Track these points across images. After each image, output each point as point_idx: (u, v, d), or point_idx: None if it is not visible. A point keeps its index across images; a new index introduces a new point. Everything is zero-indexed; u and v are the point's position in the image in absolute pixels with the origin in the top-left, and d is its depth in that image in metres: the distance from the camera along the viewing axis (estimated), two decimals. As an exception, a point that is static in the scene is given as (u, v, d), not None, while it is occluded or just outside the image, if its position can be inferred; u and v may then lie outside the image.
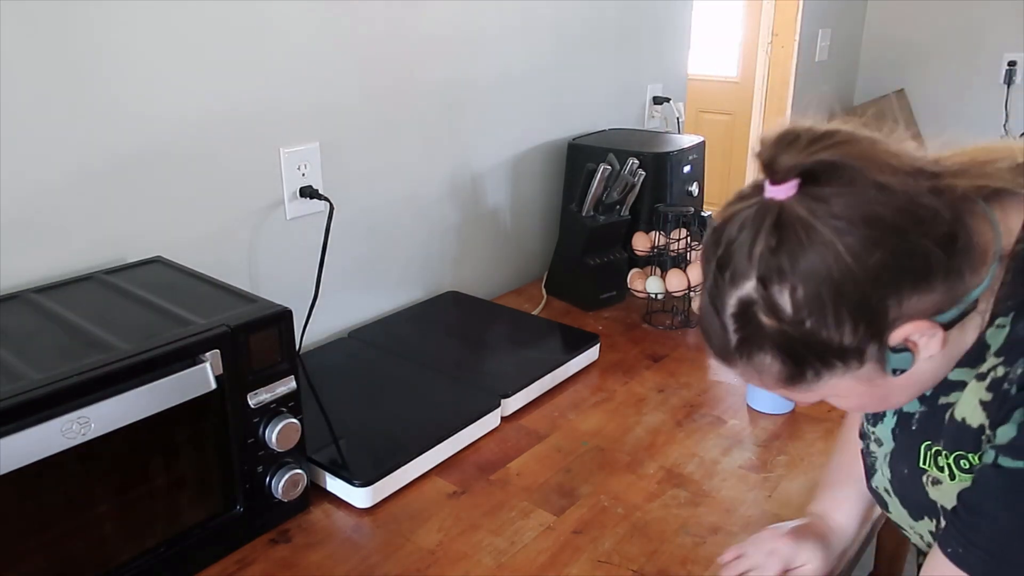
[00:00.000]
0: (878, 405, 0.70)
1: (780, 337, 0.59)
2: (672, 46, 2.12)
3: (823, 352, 0.59)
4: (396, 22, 1.36)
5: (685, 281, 1.47)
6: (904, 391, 0.66)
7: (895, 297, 0.57)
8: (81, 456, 0.76)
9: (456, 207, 1.59)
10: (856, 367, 0.60)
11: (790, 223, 0.58)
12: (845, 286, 0.57)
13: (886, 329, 0.58)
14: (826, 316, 0.58)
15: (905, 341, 0.59)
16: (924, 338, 0.60)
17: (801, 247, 0.57)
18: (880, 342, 0.59)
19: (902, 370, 0.61)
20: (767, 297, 0.58)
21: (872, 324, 0.58)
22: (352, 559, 0.92)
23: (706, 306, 0.64)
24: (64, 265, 1.03)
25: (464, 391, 1.20)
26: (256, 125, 1.20)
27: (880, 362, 0.60)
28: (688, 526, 0.97)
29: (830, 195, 0.57)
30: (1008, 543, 0.60)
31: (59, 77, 0.98)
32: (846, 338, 0.58)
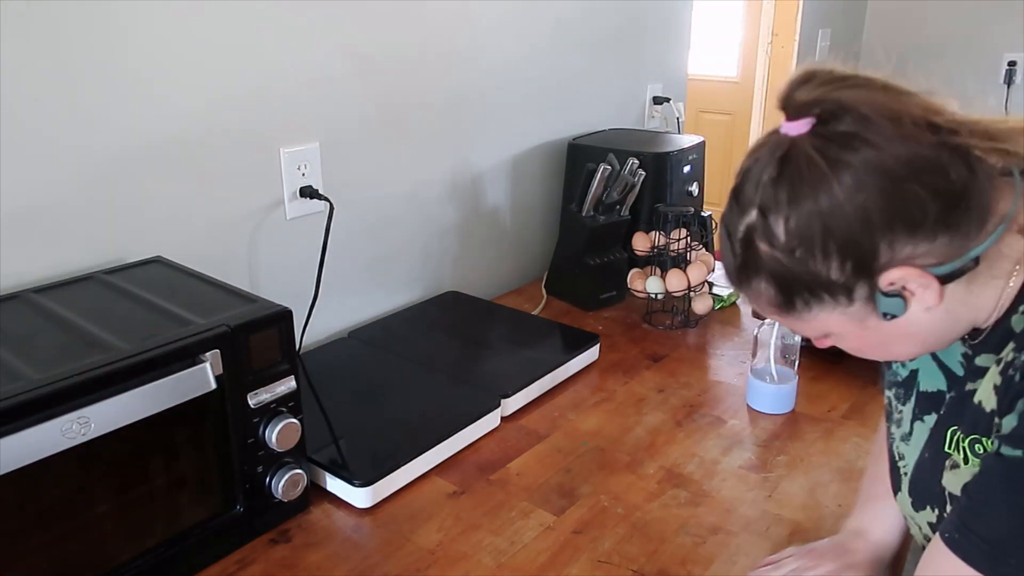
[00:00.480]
0: (878, 351, 0.69)
1: (773, 264, 0.62)
2: (672, 46, 2.12)
3: (811, 284, 0.61)
4: (396, 22, 1.36)
5: (685, 281, 1.47)
6: (902, 341, 0.66)
7: (886, 240, 0.59)
8: (81, 456, 0.76)
9: (456, 207, 1.59)
10: (845, 304, 0.62)
11: (794, 157, 0.60)
12: (834, 222, 0.59)
13: (875, 270, 0.60)
14: (814, 248, 0.60)
15: (897, 287, 0.60)
16: (917, 287, 0.60)
17: (799, 180, 0.59)
18: (869, 283, 0.60)
19: (893, 315, 0.62)
20: (765, 225, 0.61)
21: (860, 263, 0.60)
22: (352, 559, 0.92)
23: (721, 231, 0.67)
24: (64, 265, 1.03)
25: (464, 391, 1.20)
26: (256, 125, 1.20)
27: (871, 303, 0.62)
28: (688, 526, 0.97)
29: (837, 135, 0.59)
30: (1003, 531, 0.60)
31: (59, 77, 0.98)
32: (833, 273, 0.60)
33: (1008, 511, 0.59)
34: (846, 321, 0.64)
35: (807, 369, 1.31)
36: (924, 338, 0.66)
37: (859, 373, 1.31)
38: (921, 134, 0.58)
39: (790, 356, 1.22)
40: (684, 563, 0.91)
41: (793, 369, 1.22)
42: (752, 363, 1.24)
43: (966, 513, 0.62)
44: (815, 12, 3.20)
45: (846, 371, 1.31)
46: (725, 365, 1.38)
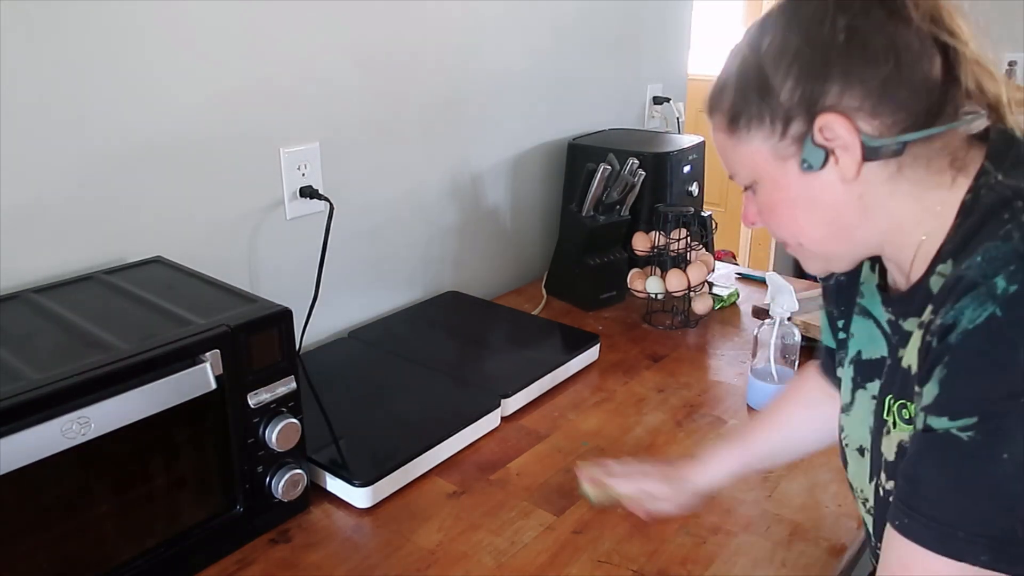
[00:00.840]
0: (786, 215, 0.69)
1: (745, 66, 0.66)
2: (672, 46, 2.12)
3: (762, 97, 0.64)
4: (396, 22, 1.36)
5: (685, 281, 1.47)
6: (809, 211, 0.67)
7: (839, 85, 0.61)
8: (81, 456, 0.76)
9: (456, 207, 1.59)
10: (779, 134, 0.64)
11: None
12: (805, 46, 0.62)
13: (816, 108, 0.62)
14: (780, 64, 0.63)
15: (825, 136, 0.62)
16: (842, 148, 0.62)
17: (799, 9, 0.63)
18: (807, 121, 0.63)
19: (811, 166, 0.63)
20: (757, 35, 0.65)
21: (807, 93, 0.62)
22: (352, 559, 0.92)
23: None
24: (64, 265, 1.03)
25: (464, 391, 1.20)
26: (256, 125, 1.20)
27: (798, 144, 0.64)
28: (688, 526, 0.97)
29: None
30: (945, 504, 0.58)
31: (59, 77, 0.98)
32: (784, 93, 0.63)
33: (946, 484, 0.58)
34: (772, 159, 0.65)
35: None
36: (833, 221, 0.66)
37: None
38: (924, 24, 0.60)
39: (790, 356, 1.22)
40: (684, 563, 0.91)
41: (793, 369, 1.22)
42: (752, 363, 1.24)
43: (907, 495, 0.60)
44: (815, 12, 3.20)
45: (846, 371, 1.31)
46: (725, 365, 1.38)
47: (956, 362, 0.56)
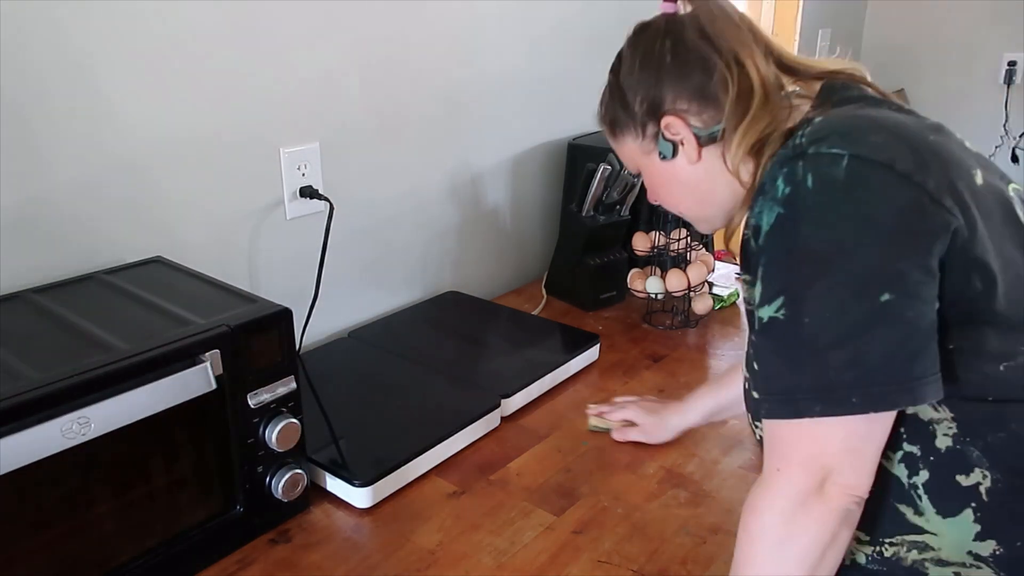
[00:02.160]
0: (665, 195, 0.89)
1: (612, 87, 0.87)
2: (672, 46, 2.11)
3: (624, 111, 0.85)
4: (396, 22, 1.36)
5: (685, 281, 1.47)
6: (678, 189, 0.86)
7: (672, 94, 0.80)
8: (81, 456, 0.76)
9: (456, 207, 1.59)
10: (640, 136, 0.85)
11: (653, 24, 0.84)
12: (648, 72, 0.82)
13: (658, 114, 0.82)
14: (632, 86, 0.84)
15: (670, 133, 0.81)
16: (683, 139, 0.81)
17: (644, 39, 0.84)
18: (656, 124, 0.82)
19: (664, 156, 0.83)
20: (617, 62, 0.87)
21: (651, 105, 0.82)
22: (352, 559, 0.92)
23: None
24: (64, 265, 1.03)
25: (464, 391, 1.20)
26: (256, 125, 1.20)
27: (654, 141, 0.84)
28: (688, 526, 0.97)
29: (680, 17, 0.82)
30: (779, 377, 0.68)
31: (59, 77, 0.98)
32: (636, 107, 0.83)
33: (776, 360, 0.68)
34: (641, 153, 0.86)
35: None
36: (694, 192, 0.85)
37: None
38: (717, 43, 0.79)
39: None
40: (684, 563, 0.91)
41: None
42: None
43: (755, 383, 0.70)
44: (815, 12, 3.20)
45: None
46: (725, 365, 1.38)
47: (765, 258, 0.68)
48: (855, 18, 3.53)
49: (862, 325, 0.64)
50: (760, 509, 0.71)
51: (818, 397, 0.65)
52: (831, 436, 0.67)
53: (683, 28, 0.81)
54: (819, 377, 0.65)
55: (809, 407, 0.66)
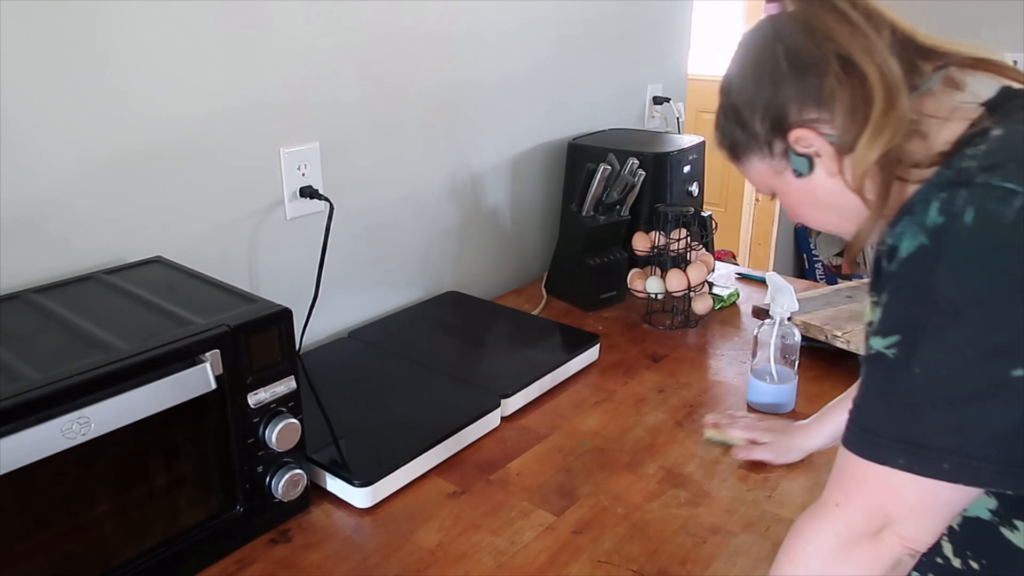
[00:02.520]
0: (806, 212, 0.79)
1: (726, 109, 0.78)
2: (672, 46, 2.12)
3: (745, 132, 0.76)
4: (396, 22, 1.36)
5: (685, 281, 1.47)
6: (816, 204, 0.76)
7: (796, 104, 0.71)
8: (81, 456, 0.76)
9: (456, 207, 1.59)
10: (769, 156, 0.75)
11: (759, 28, 0.75)
12: (763, 83, 0.73)
13: (784, 128, 0.72)
14: (748, 103, 0.74)
15: (803, 147, 0.72)
16: (819, 150, 0.71)
17: (751, 47, 0.75)
18: (784, 140, 0.73)
19: (800, 173, 0.74)
20: (726, 82, 0.78)
21: (774, 120, 0.73)
22: (352, 559, 0.92)
23: None
24: (64, 265, 1.03)
25: (464, 391, 1.20)
26: (256, 125, 1.20)
27: (786, 159, 0.74)
28: (688, 526, 0.97)
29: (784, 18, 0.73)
30: (871, 414, 0.63)
31: (60, 77, 0.98)
32: (757, 125, 0.74)
33: (872, 396, 0.64)
34: (772, 174, 0.77)
35: (807, 369, 1.31)
36: (833, 206, 0.74)
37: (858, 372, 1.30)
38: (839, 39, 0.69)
39: (790, 356, 1.22)
40: (684, 563, 0.91)
41: (793, 369, 1.22)
42: (752, 363, 1.24)
43: (851, 412, 0.66)
44: (815, 12, 3.20)
45: (846, 371, 1.31)
46: (725, 365, 1.38)
47: (892, 287, 0.62)
48: (855, 18, 3.52)
49: (980, 396, 0.57)
50: (806, 537, 0.68)
51: (905, 450, 0.60)
52: (905, 491, 0.61)
53: (792, 28, 0.71)
54: (912, 431, 0.60)
55: (892, 456, 0.60)
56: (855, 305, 1.42)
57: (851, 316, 1.37)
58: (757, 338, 1.22)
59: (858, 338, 1.29)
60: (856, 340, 1.29)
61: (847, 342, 1.30)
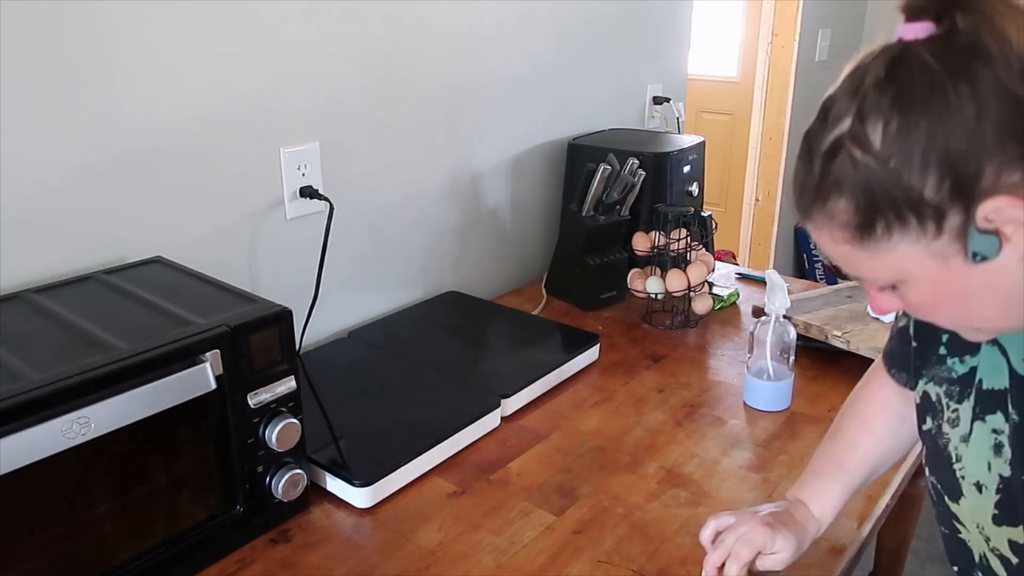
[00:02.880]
0: (953, 308, 0.62)
1: (861, 173, 0.56)
2: (672, 46, 2.12)
3: (900, 201, 0.56)
4: (396, 22, 1.36)
5: (685, 281, 1.47)
6: (986, 298, 0.59)
7: (995, 163, 0.53)
8: (81, 456, 0.76)
9: (456, 207, 1.59)
10: (932, 234, 0.56)
11: (906, 60, 0.55)
12: (941, 130, 0.53)
13: (975, 195, 0.54)
14: (913, 158, 0.54)
15: (993, 223, 0.54)
16: (1017, 228, 0.54)
17: (909, 84, 0.55)
18: (965, 211, 0.54)
19: (984, 257, 0.56)
20: (860, 130, 0.56)
21: (960, 183, 0.54)
22: (352, 559, 0.92)
23: (801, 149, 0.62)
24: (64, 265, 1.03)
25: (464, 391, 1.20)
26: (256, 125, 1.20)
27: (960, 239, 0.56)
28: (688, 526, 0.97)
29: (959, 43, 0.54)
30: None
31: (59, 77, 0.98)
32: (928, 190, 0.54)
33: None
34: (926, 259, 0.57)
35: (806, 369, 1.31)
36: (1009, 299, 0.58)
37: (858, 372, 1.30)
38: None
39: (786, 354, 1.22)
40: (684, 563, 0.91)
41: (788, 367, 1.22)
42: (748, 360, 1.24)
43: None
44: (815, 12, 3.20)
45: (845, 370, 1.31)
46: (725, 365, 1.38)
47: None
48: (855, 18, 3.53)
49: None
50: None
51: None
52: None
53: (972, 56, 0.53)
54: None
55: None
56: (855, 305, 1.42)
57: (851, 316, 1.37)
58: (754, 336, 1.22)
59: (857, 338, 1.29)
60: (855, 340, 1.29)
61: (846, 342, 1.30)
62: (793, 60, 3.19)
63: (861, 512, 0.99)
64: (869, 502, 1.01)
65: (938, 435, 0.78)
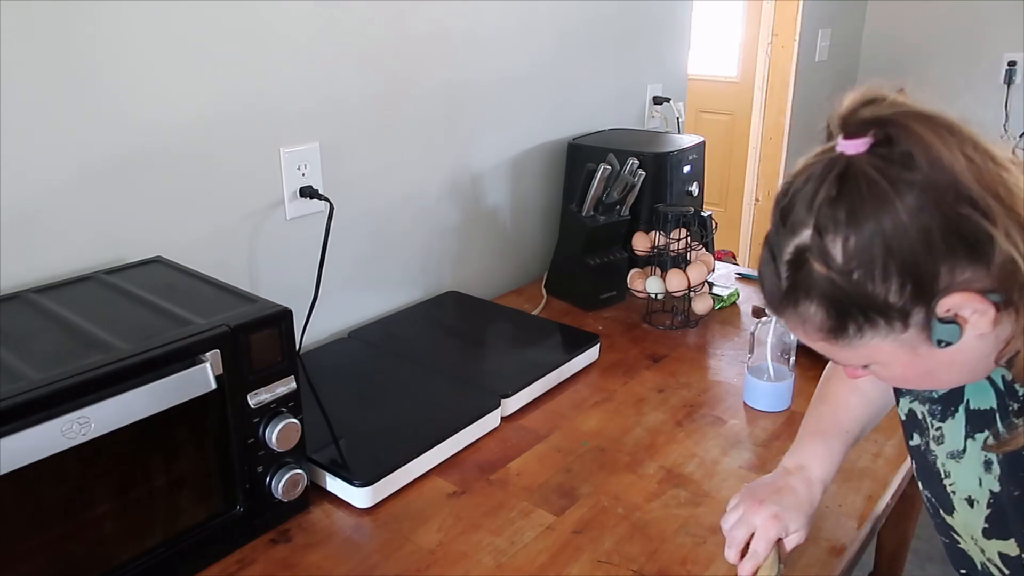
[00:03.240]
0: (923, 380, 0.69)
1: (828, 286, 0.61)
2: (672, 46, 2.12)
3: (867, 307, 0.60)
4: (396, 22, 1.36)
5: (685, 281, 1.47)
6: (951, 369, 0.65)
7: (947, 264, 0.58)
8: (81, 456, 0.76)
9: (456, 207, 1.59)
10: (900, 330, 0.61)
11: (853, 176, 0.59)
12: (896, 243, 0.58)
13: (934, 295, 0.59)
14: (874, 270, 0.59)
15: (953, 313, 0.60)
16: (974, 314, 0.59)
17: (860, 199, 0.59)
18: (927, 308, 0.60)
19: (948, 343, 0.61)
20: (820, 245, 0.60)
21: (919, 286, 0.59)
22: (352, 559, 0.92)
23: (765, 253, 0.66)
24: (64, 265, 1.03)
25: (464, 391, 1.20)
26: (256, 125, 1.20)
27: (926, 330, 0.61)
28: (688, 526, 0.97)
29: (898, 155, 0.58)
30: None
31: (59, 77, 0.98)
32: (892, 296, 0.59)
33: None
34: (897, 348, 0.63)
35: (806, 369, 1.31)
36: (973, 366, 0.65)
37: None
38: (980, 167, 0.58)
39: (787, 355, 1.22)
40: (684, 563, 0.91)
41: (789, 367, 1.22)
42: (749, 361, 1.24)
43: None
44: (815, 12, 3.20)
45: (846, 371, 1.31)
46: (725, 365, 1.38)
47: None
48: (855, 18, 3.53)
49: None
50: None
51: None
52: None
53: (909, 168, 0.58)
54: None
55: None
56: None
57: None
58: (754, 336, 1.22)
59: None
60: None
61: (847, 342, 1.30)
62: (793, 60, 3.19)
63: (861, 512, 0.99)
64: (869, 502, 1.01)
65: (926, 451, 0.80)
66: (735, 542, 0.85)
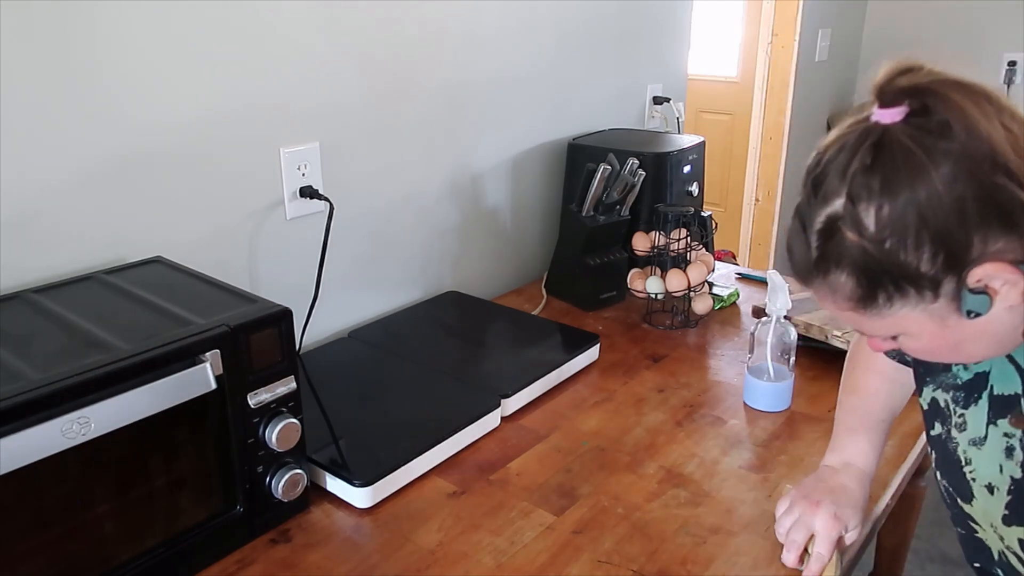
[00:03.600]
0: (950, 352, 0.68)
1: (859, 254, 0.61)
2: (672, 46, 2.12)
3: (898, 275, 0.61)
4: (396, 22, 1.36)
5: (685, 281, 1.47)
6: (979, 341, 0.65)
7: (980, 234, 0.58)
8: (81, 456, 0.76)
9: (456, 207, 1.59)
10: (930, 299, 0.62)
11: (888, 145, 0.59)
12: (930, 212, 0.58)
13: (966, 264, 0.59)
14: (907, 238, 0.59)
15: (983, 283, 0.60)
16: (1004, 284, 0.60)
17: (894, 168, 0.59)
18: (958, 277, 0.60)
19: (977, 313, 0.61)
20: (853, 214, 0.60)
21: (952, 256, 0.59)
22: (352, 559, 0.92)
23: (794, 223, 0.66)
24: (64, 265, 1.03)
25: (464, 391, 1.20)
26: (256, 125, 1.20)
27: (955, 300, 0.61)
28: (688, 526, 0.97)
29: (934, 125, 0.59)
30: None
31: (59, 78, 0.98)
32: (923, 265, 0.60)
33: None
34: (926, 319, 0.63)
35: (806, 368, 1.31)
36: (1000, 338, 0.65)
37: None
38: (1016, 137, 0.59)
39: (787, 355, 1.22)
40: (684, 563, 0.91)
41: (789, 367, 1.22)
42: (749, 361, 1.24)
43: None
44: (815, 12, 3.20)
45: (846, 371, 1.31)
46: (725, 365, 1.38)
47: None
48: (855, 18, 3.53)
49: None
50: None
51: None
52: None
53: (945, 137, 0.58)
54: None
55: None
56: (855, 305, 1.42)
57: (851, 316, 1.37)
58: (754, 336, 1.22)
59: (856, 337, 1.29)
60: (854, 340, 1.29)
61: (846, 342, 1.30)
62: (793, 60, 3.19)
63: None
64: (869, 502, 1.01)
65: (947, 440, 0.80)
66: (795, 545, 0.86)
